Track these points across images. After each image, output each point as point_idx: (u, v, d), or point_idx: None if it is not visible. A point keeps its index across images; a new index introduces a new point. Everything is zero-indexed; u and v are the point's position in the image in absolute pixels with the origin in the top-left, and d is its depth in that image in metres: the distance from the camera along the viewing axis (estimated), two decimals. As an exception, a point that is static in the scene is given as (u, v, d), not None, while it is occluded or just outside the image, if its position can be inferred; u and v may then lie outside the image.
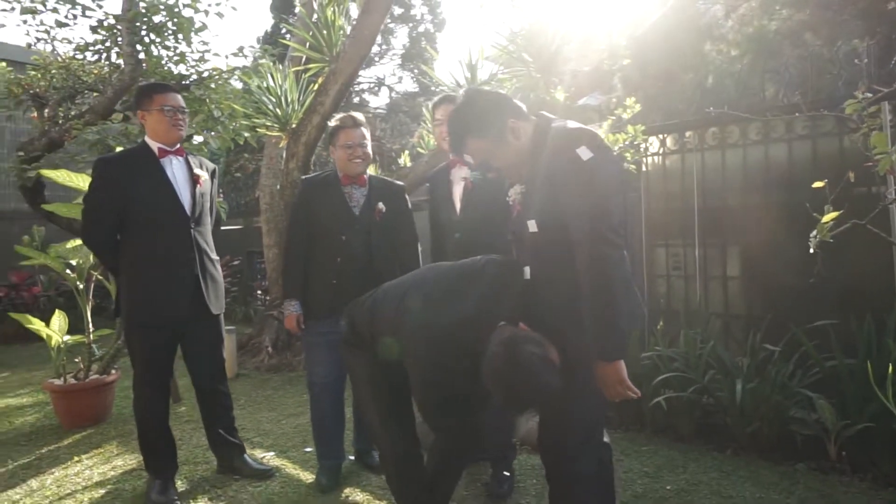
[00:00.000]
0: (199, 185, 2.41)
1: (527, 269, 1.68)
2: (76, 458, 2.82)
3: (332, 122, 2.49)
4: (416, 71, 10.60)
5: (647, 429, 3.09)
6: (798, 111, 2.51)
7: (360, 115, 2.51)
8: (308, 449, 2.79)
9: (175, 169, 2.38)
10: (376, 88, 10.95)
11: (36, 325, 3.24)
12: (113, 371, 3.42)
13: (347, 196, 2.45)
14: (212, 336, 2.50)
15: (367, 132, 2.45)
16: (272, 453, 2.87)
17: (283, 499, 2.35)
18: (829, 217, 1.82)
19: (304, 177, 2.66)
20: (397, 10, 10.18)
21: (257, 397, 3.87)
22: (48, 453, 2.91)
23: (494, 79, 3.73)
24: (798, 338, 2.74)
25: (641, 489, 2.39)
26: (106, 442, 3.03)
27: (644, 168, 3.85)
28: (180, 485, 2.46)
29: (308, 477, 2.55)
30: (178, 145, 2.41)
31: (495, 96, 1.68)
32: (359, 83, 10.28)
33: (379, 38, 10.70)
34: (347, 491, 2.42)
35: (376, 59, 10.72)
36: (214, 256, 2.50)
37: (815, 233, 1.86)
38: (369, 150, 2.46)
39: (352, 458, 2.71)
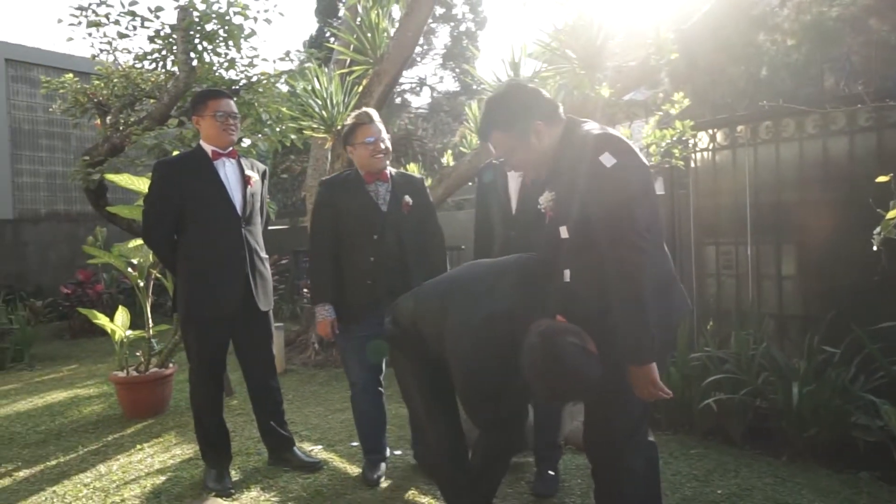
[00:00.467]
0: (249, 186, 2.49)
1: (566, 272, 1.68)
2: (139, 447, 2.97)
3: (349, 120, 2.48)
4: (457, 70, 10.63)
5: (697, 431, 3.01)
6: (861, 102, 2.39)
7: (373, 111, 2.50)
8: (354, 443, 2.85)
9: (228, 170, 2.48)
10: (418, 88, 11.04)
11: (101, 320, 3.44)
12: (171, 365, 3.59)
13: (373, 194, 2.43)
14: (262, 332, 2.58)
15: (382, 127, 2.44)
16: (320, 446, 2.94)
17: (330, 491, 2.41)
18: (894, 213, 1.74)
19: (322, 178, 2.66)
20: (439, 10, 10.22)
21: (304, 392, 3.98)
22: (113, 441, 3.08)
23: (537, 76, 3.70)
24: (861, 340, 2.62)
25: (690, 492, 2.34)
26: (165, 432, 3.19)
27: (693, 164, 3.75)
28: (234, 474, 2.56)
29: (354, 470, 2.61)
30: (231, 148, 2.51)
31: (530, 95, 1.68)
32: (401, 83, 10.40)
33: (420, 39, 10.78)
34: (393, 485, 2.46)
35: (418, 59, 10.81)
36: (264, 255, 2.58)
37: (878, 229, 1.78)
38: (388, 144, 2.45)
39: (397, 452, 2.76)
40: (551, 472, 2.39)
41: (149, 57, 6.08)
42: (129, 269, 3.41)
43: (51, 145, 7.52)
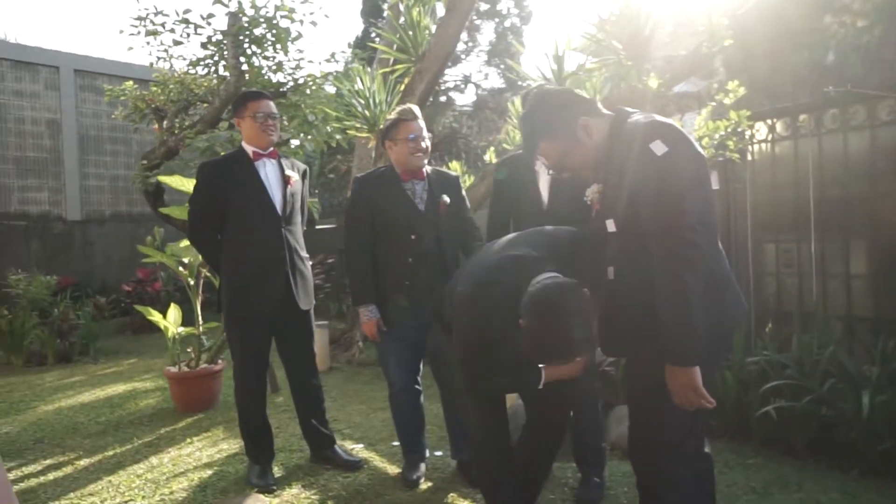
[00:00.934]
0: (289, 186, 2.51)
1: (610, 270, 1.61)
2: (188, 440, 3.07)
3: (392, 115, 2.44)
4: (502, 67, 10.51)
5: (754, 440, 2.84)
6: (941, 85, 2.17)
7: (416, 108, 2.46)
8: (395, 443, 2.84)
9: (268, 171, 2.50)
10: (462, 86, 10.99)
11: (155, 317, 3.58)
12: (220, 361, 3.69)
13: (410, 192, 2.39)
14: (302, 330, 2.60)
15: (424, 125, 2.40)
16: (361, 445, 2.95)
17: (370, 490, 2.41)
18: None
19: (356, 176, 2.63)
20: (483, 6, 10.14)
21: (348, 390, 4.02)
22: (166, 434, 3.20)
23: (582, 69, 3.58)
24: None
25: (747, 506, 2.20)
26: (214, 426, 3.28)
27: (749, 157, 3.54)
28: (277, 471, 2.60)
29: (395, 470, 2.60)
30: (272, 148, 2.53)
31: (564, 95, 1.64)
32: (445, 81, 10.38)
33: (464, 36, 10.73)
34: (433, 486, 2.43)
35: (462, 56, 10.76)
36: (304, 254, 2.60)
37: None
38: (429, 142, 2.40)
39: (438, 453, 2.73)
40: (597, 479, 2.30)
41: (202, 62, 6.31)
42: (181, 268, 3.53)
43: (114, 150, 7.93)
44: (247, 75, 6.09)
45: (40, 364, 5.20)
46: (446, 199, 2.40)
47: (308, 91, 6.44)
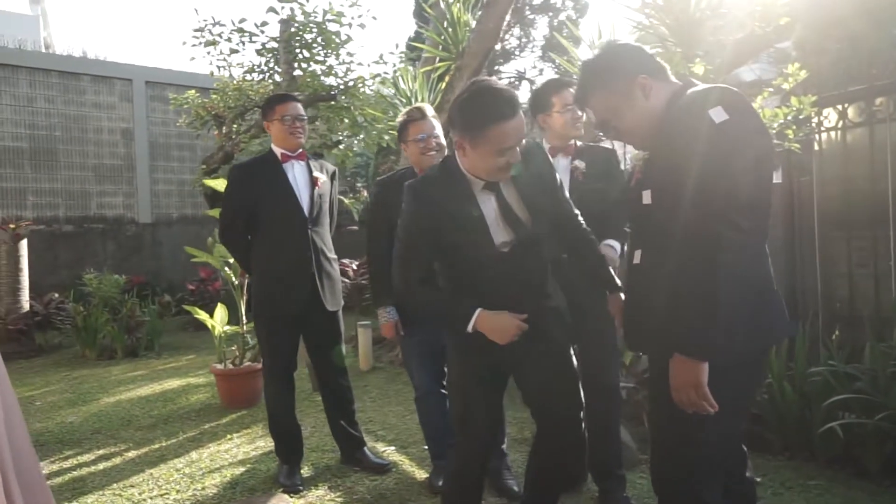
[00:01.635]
0: (317, 187, 2.52)
1: (637, 253, 1.46)
2: (229, 436, 3.15)
3: (399, 118, 2.41)
4: (557, 62, 10.26)
5: (818, 458, 2.58)
6: None
7: (428, 106, 2.40)
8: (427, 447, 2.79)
9: (296, 172, 2.53)
10: (517, 83, 10.81)
11: (202, 316, 3.71)
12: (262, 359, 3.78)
13: None
14: (330, 331, 2.60)
15: (437, 122, 2.32)
16: (393, 448, 2.93)
17: (395, 495, 2.37)
18: None
19: (378, 178, 2.61)
20: (536, 0, 9.92)
21: (388, 391, 4.01)
22: (210, 429, 3.30)
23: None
24: None
25: (804, 534, 1.98)
26: (254, 423, 3.36)
27: (817, 146, 3.23)
28: (307, 470, 2.62)
29: (423, 475, 2.56)
30: (300, 150, 2.55)
31: (631, 49, 1.46)
32: (499, 78, 10.24)
33: (517, 31, 10.55)
34: (460, 494, 2.36)
35: (516, 52, 10.59)
36: (332, 255, 2.60)
37: None
38: (442, 140, 2.32)
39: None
40: (626, 496, 2.16)
41: (256, 69, 6.53)
42: (226, 268, 3.64)
43: (181, 156, 8.37)
44: (298, 80, 6.25)
45: (110, 358, 5.54)
46: None
47: (357, 93, 6.54)
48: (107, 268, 7.64)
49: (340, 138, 6.37)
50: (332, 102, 6.54)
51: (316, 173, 2.56)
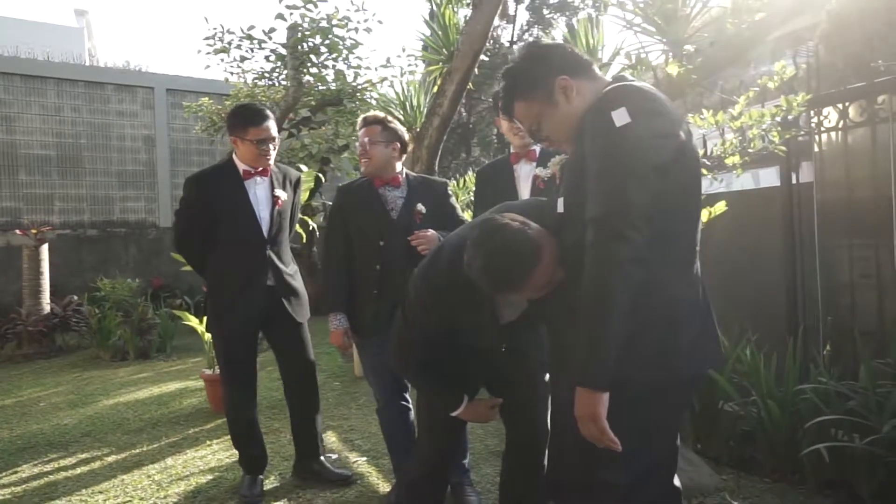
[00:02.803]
0: (277, 206, 2.47)
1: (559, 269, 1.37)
2: (208, 443, 3.18)
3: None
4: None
5: (809, 481, 2.42)
6: None
7: (377, 114, 2.34)
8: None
9: (258, 189, 2.46)
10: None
11: (191, 321, 3.75)
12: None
13: (383, 199, 2.29)
14: (293, 343, 2.56)
15: (380, 130, 2.24)
16: (365, 458, 2.89)
17: (352, 509, 2.33)
18: None
19: (339, 185, 2.57)
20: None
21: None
22: (193, 435, 3.34)
23: (616, 55, 3.27)
24: None
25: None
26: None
27: (816, 148, 3.03)
28: (272, 480, 2.60)
29: (387, 488, 2.51)
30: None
31: (546, 50, 1.39)
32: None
33: (537, 32, 10.39)
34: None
35: (535, 53, 10.45)
36: (290, 270, 2.56)
37: None
38: (378, 149, 2.23)
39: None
40: None
41: (266, 75, 6.63)
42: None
43: (200, 161, 8.56)
44: (305, 86, 6.30)
45: (123, 359, 5.70)
46: (421, 207, 2.26)
47: (364, 97, 6.56)
48: (129, 271, 7.89)
49: (346, 143, 6.39)
50: (339, 107, 6.58)
51: (277, 191, 2.48)
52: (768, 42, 3.46)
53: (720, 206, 2.58)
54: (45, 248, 6.18)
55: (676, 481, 1.42)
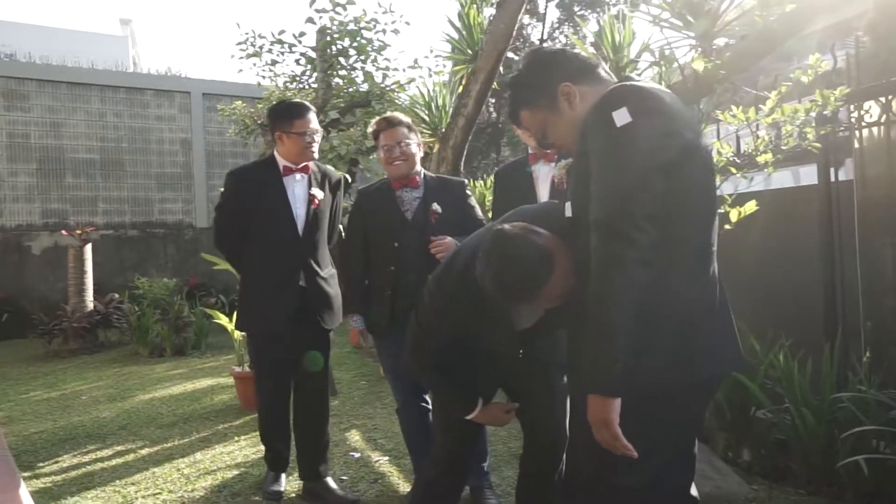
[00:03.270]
0: (314, 206, 2.44)
1: None
2: (235, 438, 3.25)
3: (370, 128, 2.37)
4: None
5: (849, 494, 2.31)
6: None
7: (398, 115, 2.35)
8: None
9: (297, 187, 2.43)
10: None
11: (221, 319, 3.85)
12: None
13: (399, 200, 2.29)
14: (314, 348, 2.49)
15: (407, 131, 2.27)
16: (387, 458, 2.90)
17: (372, 508, 2.35)
18: None
19: (359, 188, 2.57)
20: (584, -4, 9.60)
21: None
22: (222, 430, 3.42)
23: (644, 52, 3.19)
24: None
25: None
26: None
27: (857, 144, 2.89)
28: (296, 477, 2.64)
29: (408, 488, 2.51)
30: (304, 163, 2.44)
31: (548, 57, 1.38)
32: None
33: (568, 29, 10.25)
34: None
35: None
36: (326, 273, 2.51)
37: None
38: (412, 149, 2.26)
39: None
40: None
41: (296, 78, 6.74)
42: (243, 275, 3.75)
43: (234, 163, 8.76)
44: (334, 88, 6.38)
45: (160, 356, 5.89)
46: (437, 207, 2.26)
47: (394, 98, 6.60)
48: (167, 270, 8.15)
49: (375, 144, 6.44)
50: (368, 108, 6.64)
51: (314, 190, 2.45)
52: (814, 33, 3.33)
53: (750, 206, 2.49)
54: (88, 248, 6.44)
55: (694, 490, 1.37)
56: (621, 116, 1.14)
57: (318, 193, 2.48)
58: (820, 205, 3.03)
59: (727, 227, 2.57)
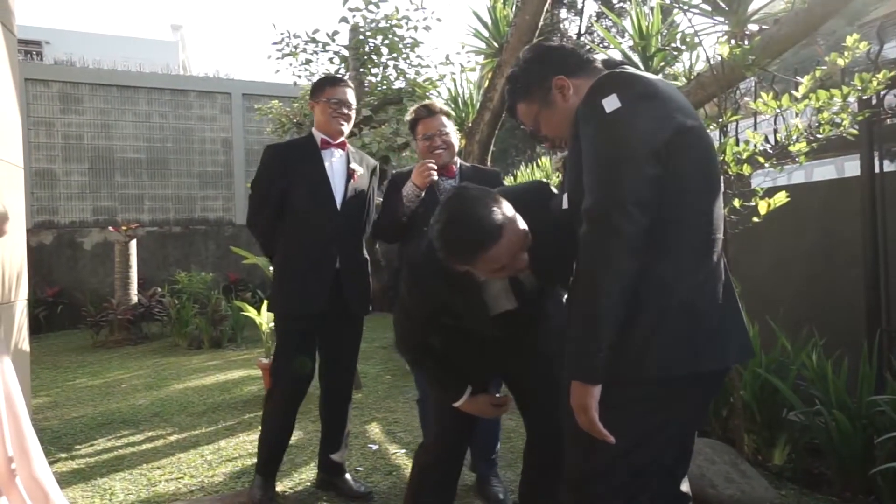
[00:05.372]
0: (353, 180, 2.36)
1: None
2: (258, 428, 3.31)
3: (408, 116, 2.37)
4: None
5: (886, 501, 2.17)
6: None
7: (437, 103, 2.34)
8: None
9: (335, 161, 2.35)
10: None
11: (250, 312, 3.94)
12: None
13: (436, 188, 2.28)
14: (348, 337, 2.45)
15: (446, 120, 2.27)
16: (404, 451, 2.91)
17: (383, 499, 2.35)
18: None
19: (393, 171, 2.55)
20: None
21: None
22: (247, 420, 3.50)
23: (672, 41, 3.09)
24: None
25: None
26: (288, 416, 3.50)
27: (903, 131, 2.71)
28: (311, 468, 2.67)
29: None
30: (342, 139, 2.38)
31: (544, 51, 1.39)
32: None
33: (608, 23, 10.03)
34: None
35: (603, 44, 10.09)
36: (362, 256, 2.44)
37: None
38: (451, 138, 2.27)
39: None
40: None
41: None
42: (270, 268, 3.83)
43: (272, 162, 8.99)
44: (366, 85, 6.46)
45: (198, 347, 6.09)
46: None
47: (423, 95, 6.62)
48: (208, 265, 8.43)
49: (406, 141, 6.48)
50: (400, 105, 6.69)
51: (353, 165, 2.37)
52: (875, 21, 3.12)
53: (780, 198, 2.37)
54: (133, 244, 6.73)
55: (685, 486, 1.32)
56: (610, 103, 1.12)
57: (358, 168, 2.41)
58: (863, 196, 2.86)
59: (755, 219, 2.46)
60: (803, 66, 3.17)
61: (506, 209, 1.31)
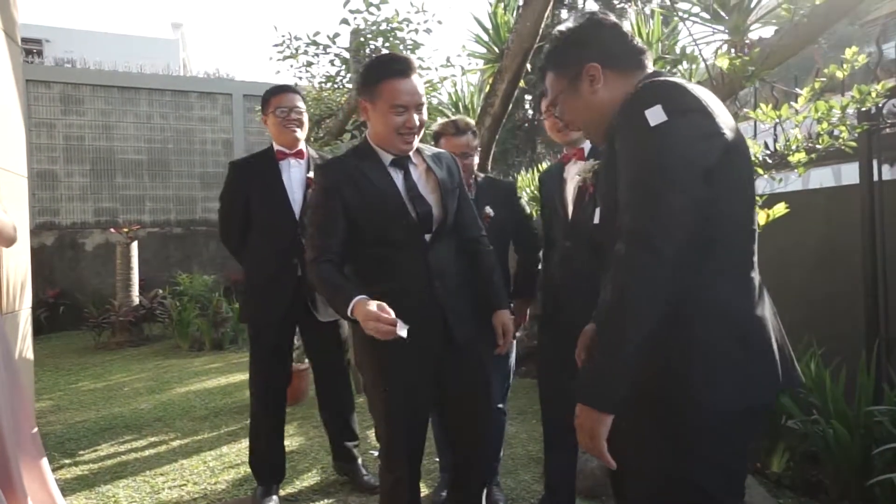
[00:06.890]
0: (311, 189, 2.36)
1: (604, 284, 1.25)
2: (261, 433, 3.33)
3: (435, 126, 2.37)
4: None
5: None
6: None
7: (466, 120, 2.36)
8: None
9: (292, 171, 2.40)
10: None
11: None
12: (306, 360, 3.95)
13: None
14: (324, 343, 2.53)
15: (472, 137, 2.29)
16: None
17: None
18: None
19: None
20: (623, -10, 9.37)
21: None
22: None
23: (670, 49, 3.09)
24: None
25: None
26: (290, 422, 3.51)
27: (902, 141, 2.72)
28: (306, 479, 2.69)
29: (426, 489, 2.52)
30: (298, 148, 2.42)
31: (592, 29, 1.24)
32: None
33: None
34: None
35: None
36: None
37: None
38: (474, 159, 2.29)
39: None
40: None
41: (331, 79, 6.85)
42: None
43: (273, 163, 9.00)
44: (366, 88, 6.46)
45: (199, 349, 6.11)
46: (490, 211, 2.26)
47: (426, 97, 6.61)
48: (209, 266, 8.44)
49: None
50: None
51: (311, 173, 2.37)
52: (878, 20, 3.12)
53: (779, 209, 2.38)
54: (134, 246, 6.74)
55: None
56: (655, 115, 1.04)
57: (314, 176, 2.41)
58: (861, 205, 2.87)
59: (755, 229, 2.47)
60: (804, 67, 3.17)
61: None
